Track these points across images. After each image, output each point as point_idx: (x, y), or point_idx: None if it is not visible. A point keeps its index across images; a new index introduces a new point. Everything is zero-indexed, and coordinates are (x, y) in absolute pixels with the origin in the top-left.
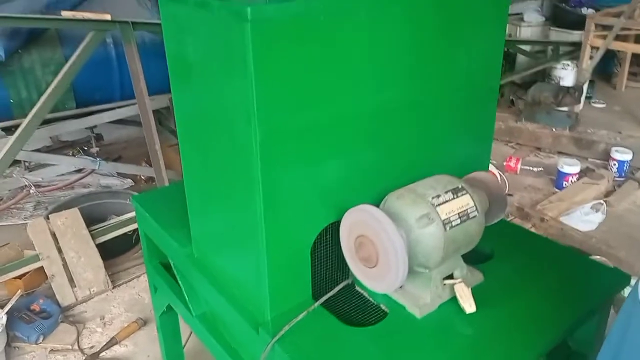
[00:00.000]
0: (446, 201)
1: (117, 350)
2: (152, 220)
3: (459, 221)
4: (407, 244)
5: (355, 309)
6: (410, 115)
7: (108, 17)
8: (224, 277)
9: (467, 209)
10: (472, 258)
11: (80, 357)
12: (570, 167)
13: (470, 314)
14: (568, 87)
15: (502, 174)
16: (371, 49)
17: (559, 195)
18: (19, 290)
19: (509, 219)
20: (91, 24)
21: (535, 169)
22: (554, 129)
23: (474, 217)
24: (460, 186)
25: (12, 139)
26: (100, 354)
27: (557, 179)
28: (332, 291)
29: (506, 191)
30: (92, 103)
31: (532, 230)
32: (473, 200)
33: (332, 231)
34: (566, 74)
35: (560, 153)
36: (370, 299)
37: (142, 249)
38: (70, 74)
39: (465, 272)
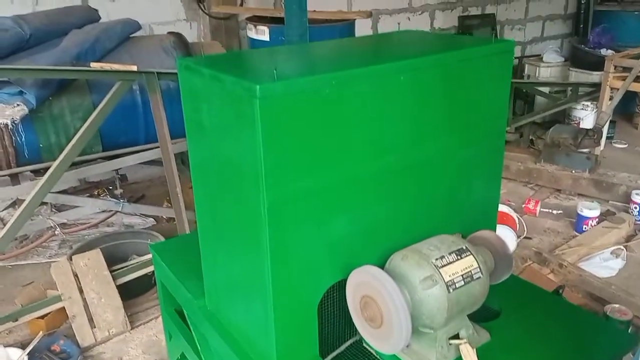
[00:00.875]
0: (450, 262)
1: None
2: (168, 270)
3: (462, 283)
4: (412, 305)
5: None
6: (414, 176)
7: (134, 68)
8: (234, 331)
9: (470, 270)
10: (480, 315)
11: None
12: (590, 210)
13: None
14: (587, 129)
15: (520, 217)
16: (374, 116)
17: (578, 239)
18: (41, 332)
19: (527, 264)
20: (119, 75)
21: (554, 212)
22: (573, 171)
23: (478, 278)
24: (464, 247)
25: (41, 181)
26: None
27: (577, 223)
28: (339, 349)
29: (524, 234)
30: (118, 146)
31: (551, 276)
32: (477, 261)
33: (339, 289)
34: (586, 115)
35: (580, 195)
36: (378, 357)
37: (158, 296)
38: (97, 121)
39: (471, 332)
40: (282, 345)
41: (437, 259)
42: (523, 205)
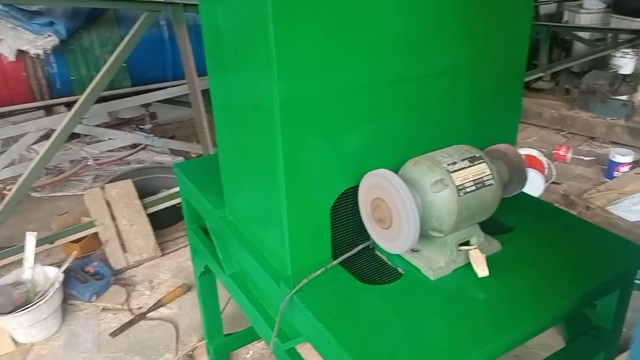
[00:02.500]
0: (462, 168)
1: (162, 311)
2: (191, 185)
3: (474, 188)
4: (422, 208)
5: (373, 270)
6: (433, 85)
7: None
8: (252, 237)
9: (482, 177)
10: (493, 229)
11: (129, 316)
12: (623, 156)
13: (485, 280)
14: (625, 75)
15: (550, 162)
16: (394, 17)
17: (608, 184)
18: (75, 252)
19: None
20: (145, 5)
21: (586, 159)
22: (608, 118)
23: (490, 185)
24: (477, 155)
25: (71, 111)
26: (148, 314)
27: (608, 169)
28: (351, 251)
29: (553, 179)
30: (146, 82)
31: None
32: (490, 168)
33: (352, 195)
34: (625, 63)
35: (613, 143)
36: (389, 262)
37: (184, 214)
38: (125, 53)
39: (482, 240)
40: (295, 246)
41: (448, 164)
42: (553, 152)
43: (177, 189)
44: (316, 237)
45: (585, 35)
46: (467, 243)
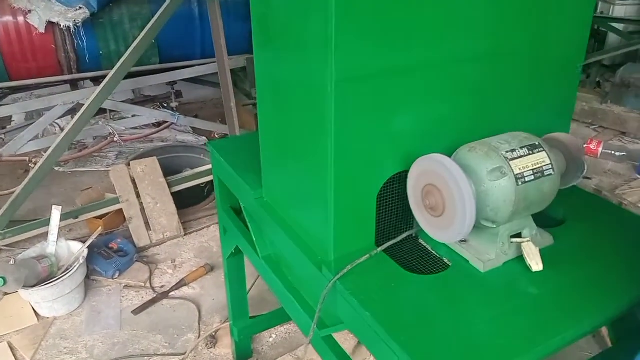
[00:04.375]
0: (521, 156)
1: (185, 291)
2: (227, 165)
3: (532, 177)
4: (476, 197)
5: (417, 259)
6: (492, 68)
7: None
8: (291, 220)
9: (542, 167)
10: (543, 222)
11: (151, 294)
12: None
13: (536, 275)
14: None
15: None
16: None
17: None
18: (100, 227)
19: None
20: None
21: (617, 154)
22: None
23: (549, 175)
24: (537, 143)
25: (100, 87)
26: (170, 293)
27: None
28: (396, 239)
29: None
30: (174, 59)
31: None
32: (550, 158)
33: (399, 180)
34: None
35: None
36: (434, 251)
37: (215, 193)
38: (154, 29)
39: (534, 233)
40: (340, 230)
41: (507, 152)
42: (584, 146)
43: (201, 169)
44: (361, 222)
45: (619, 27)
46: (518, 235)
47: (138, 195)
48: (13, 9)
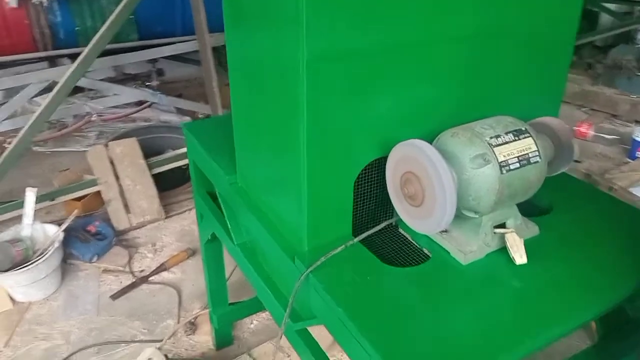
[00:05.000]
0: (505, 142)
1: (165, 276)
2: (200, 148)
3: (517, 165)
4: (458, 185)
5: (396, 250)
6: (479, 49)
7: None
8: (265, 207)
9: (528, 153)
10: (529, 210)
11: (130, 279)
12: None
13: (520, 267)
14: None
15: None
16: None
17: (631, 165)
18: (76, 210)
19: None
20: None
21: (608, 137)
22: (633, 96)
23: (536, 162)
24: (523, 128)
25: (75, 63)
26: (150, 278)
27: (631, 149)
28: (373, 229)
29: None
30: (154, 36)
31: None
32: (536, 144)
33: (378, 167)
34: None
35: (637, 122)
36: (414, 242)
37: (191, 176)
38: (132, 3)
39: (519, 223)
40: (314, 219)
41: (491, 138)
42: (574, 128)
43: (183, 150)
44: (336, 211)
45: (611, 7)
46: (502, 225)
47: (117, 177)
48: None
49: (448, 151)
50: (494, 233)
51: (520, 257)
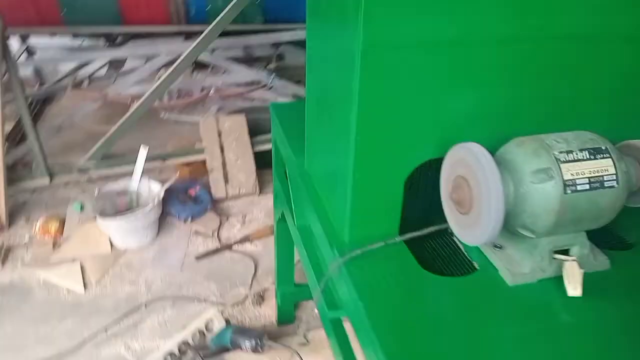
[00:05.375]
0: (577, 160)
1: (247, 247)
2: (280, 128)
3: (587, 187)
4: (514, 198)
5: (443, 258)
6: (569, 50)
7: None
8: (322, 194)
9: (603, 176)
10: (606, 242)
11: (216, 244)
12: None
13: (575, 301)
14: None
15: None
16: None
17: None
18: (178, 173)
19: None
20: None
21: None
22: None
23: (611, 187)
24: (603, 147)
25: (195, 42)
26: (233, 246)
27: None
28: (421, 231)
29: None
30: (279, 20)
31: None
32: (615, 167)
33: (435, 168)
34: None
35: None
36: (465, 252)
37: (272, 154)
38: None
39: (585, 253)
40: (357, 211)
41: (561, 152)
42: None
43: None
44: (384, 207)
45: None
46: (566, 252)
47: (222, 149)
48: None
49: (510, 160)
50: (553, 258)
51: (573, 288)
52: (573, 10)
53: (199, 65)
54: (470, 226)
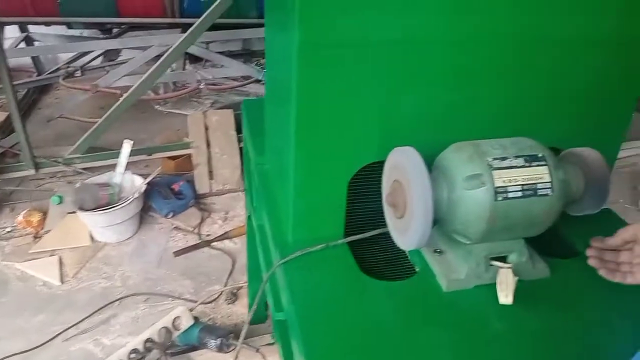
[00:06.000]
0: (511, 167)
1: (227, 244)
2: (246, 124)
3: (520, 194)
4: (447, 204)
5: (386, 261)
6: (508, 51)
7: None
8: (276, 192)
9: (536, 183)
10: (552, 249)
11: (196, 240)
12: None
13: (510, 309)
14: None
15: None
16: None
17: None
18: (160, 167)
19: None
20: None
21: None
22: None
23: (544, 195)
24: (540, 155)
25: (185, 35)
26: (212, 242)
27: None
28: (363, 234)
29: None
30: None
31: None
32: (551, 174)
33: (381, 170)
34: None
35: None
36: (408, 256)
37: (243, 150)
38: None
39: (523, 260)
40: (301, 214)
41: (494, 159)
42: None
43: None
44: (328, 209)
45: None
46: (504, 258)
47: (208, 144)
48: None
49: (446, 165)
50: (490, 265)
51: (505, 296)
52: (517, 12)
53: (194, 59)
54: (404, 230)
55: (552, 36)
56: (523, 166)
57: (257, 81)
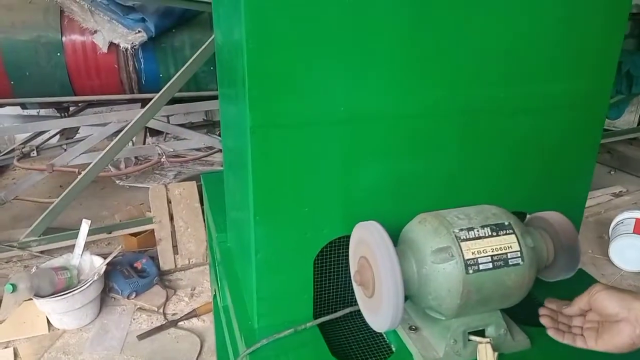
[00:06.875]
0: (479, 237)
1: (194, 322)
2: (207, 199)
3: (490, 266)
4: (417, 280)
5: (360, 342)
6: (468, 124)
7: None
8: (239, 271)
9: (506, 253)
10: (533, 317)
11: (161, 321)
12: None
13: None
14: None
15: None
16: (416, 33)
17: None
18: (121, 246)
19: None
20: None
21: None
22: None
23: (515, 265)
24: (506, 223)
25: (144, 109)
26: (179, 323)
27: None
28: (335, 313)
29: None
30: None
31: None
32: (520, 243)
33: (345, 246)
34: None
35: None
36: (384, 334)
37: (206, 227)
38: (204, 56)
39: (502, 332)
40: (264, 296)
41: (461, 230)
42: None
43: None
44: (293, 290)
45: None
46: (482, 332)
47: (171, 218)
48: (81, 28)
49: (412, 239)
50: (469, 340)
51: None
52: (469, 84)
53: (155, 132)
54: (376, 310)
55: (506, 106)
56: (490, 235)
57: (221, 151)
